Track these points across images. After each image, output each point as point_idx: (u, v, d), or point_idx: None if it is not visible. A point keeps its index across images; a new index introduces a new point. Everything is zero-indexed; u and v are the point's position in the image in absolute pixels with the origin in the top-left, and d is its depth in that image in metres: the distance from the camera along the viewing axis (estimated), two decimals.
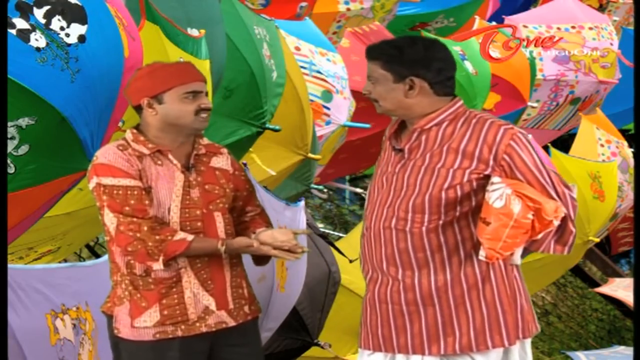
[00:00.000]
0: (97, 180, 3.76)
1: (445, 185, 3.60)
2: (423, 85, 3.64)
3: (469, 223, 3.64)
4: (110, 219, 3.75)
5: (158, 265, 3.73)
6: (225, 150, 4.00)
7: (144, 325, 3.78)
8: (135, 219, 3.72)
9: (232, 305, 3.87)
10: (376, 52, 3.70)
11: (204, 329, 3.82)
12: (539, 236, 3.59)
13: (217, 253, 3.79)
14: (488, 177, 3.58)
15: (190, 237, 3.74)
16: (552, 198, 3.59)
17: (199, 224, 3.82)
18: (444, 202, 3.61)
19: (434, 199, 3.61)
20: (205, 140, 3.95)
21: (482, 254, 3.57)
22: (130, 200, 3.73)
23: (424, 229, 3.63)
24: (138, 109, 3.85)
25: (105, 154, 3.79)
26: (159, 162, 3.81)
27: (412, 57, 3.64)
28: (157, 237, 3.71)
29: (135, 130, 3.85)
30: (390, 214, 3.68)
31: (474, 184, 3.60)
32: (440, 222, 3.62)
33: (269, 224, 4.02)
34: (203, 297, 3.81)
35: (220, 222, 3.86)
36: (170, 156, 3.82)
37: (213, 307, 3.83)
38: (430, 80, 3.64)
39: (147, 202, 3.75)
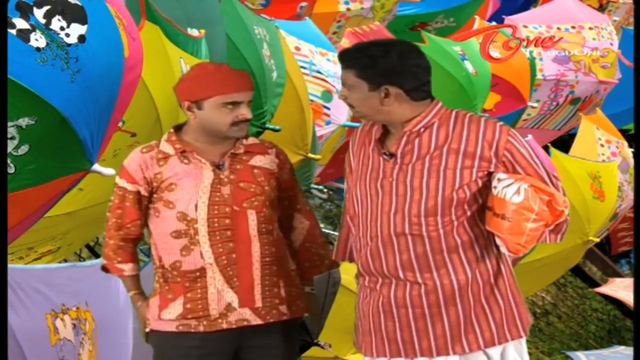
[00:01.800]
0: (115, 179, 3.99)
1: (456, 186, 3.60)
2: (398, 93, 3.61)
3: (476, 221, 3.65)
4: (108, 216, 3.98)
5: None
6: (273, 151, 3.99)
7: (168, 317, 3.84)
8: (113, 231, 3.94)
9: (261, 304, 3.86)
10: (349, 61, 3.67)
11: (224, 326, 3.82)
12: (551, 227, 3.62)
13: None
14: (491, 174, 3.60)
15: (127, 273, 3.95)
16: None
17: (227, 221, 3.84)
18: (455, 203, 3.61)
19: (447, 200, 3.60)
20: (251, 140, 3.97)
21: (504, 248, 3.60)
22: (126, 202, 3.91)
23: (441, 231, 3.62)
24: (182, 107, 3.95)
25: (130, 155, 3.94)
26: (186, 161, 3.86)
27: (386, 66, 3.60)
28: (108, 253, 3.95)
29: (172, 130, 3.94)
30: (399, 220, 3.64)
31: (479, 182, 3.62)
32: (455, 223, 3.62)
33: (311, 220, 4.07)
34: (227, 293, 3.82)
35: (253, 220, 3.86)
36: (196, 155, 3.86)
37: (236, 304, 3.83)
38: (405, 88, 3.62)
39: (137, 206, 3.90)
